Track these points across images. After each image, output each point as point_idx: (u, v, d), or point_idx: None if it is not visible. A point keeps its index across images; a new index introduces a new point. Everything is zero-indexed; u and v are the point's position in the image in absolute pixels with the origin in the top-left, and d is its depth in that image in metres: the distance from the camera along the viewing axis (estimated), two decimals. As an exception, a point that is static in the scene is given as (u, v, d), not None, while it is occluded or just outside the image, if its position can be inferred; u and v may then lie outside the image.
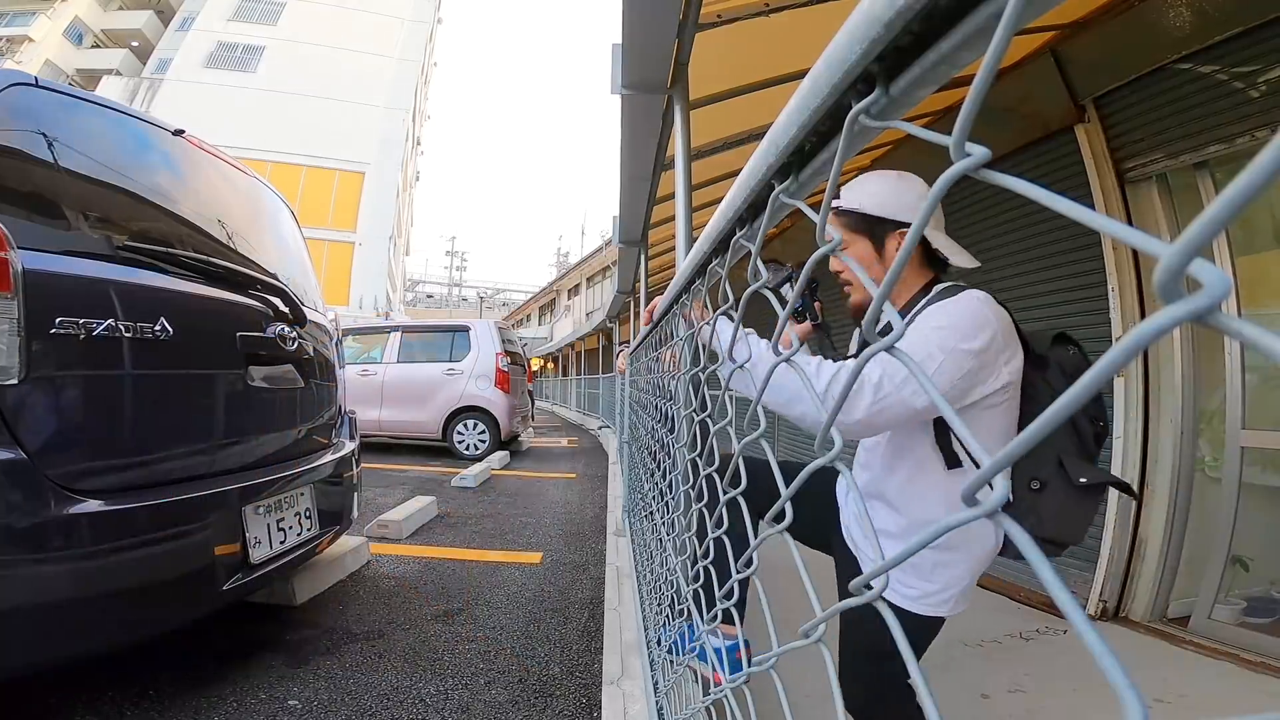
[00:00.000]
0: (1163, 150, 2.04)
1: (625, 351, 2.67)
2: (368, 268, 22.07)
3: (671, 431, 1.31)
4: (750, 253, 0.53)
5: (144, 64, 25.50)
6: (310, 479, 2.00)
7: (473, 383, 6.58)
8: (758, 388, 0.57)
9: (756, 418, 0.54)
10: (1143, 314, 2.11)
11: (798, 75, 1.88)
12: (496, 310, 46.80)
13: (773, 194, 0.45)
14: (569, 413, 16.94)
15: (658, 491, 1.55)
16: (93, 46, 26.61)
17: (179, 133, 1.84)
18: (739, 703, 0.64)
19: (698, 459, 0.83)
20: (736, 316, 0.62)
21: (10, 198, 1.29)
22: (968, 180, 0.25)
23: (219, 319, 1.72)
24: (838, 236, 0.37)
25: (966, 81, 0.23)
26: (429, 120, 36.43)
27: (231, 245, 1.87)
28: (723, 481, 0.65)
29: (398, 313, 25.32)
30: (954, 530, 0.27)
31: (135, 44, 26.69)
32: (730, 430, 0.66)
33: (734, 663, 0.65)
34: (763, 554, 0.58)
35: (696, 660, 1.07)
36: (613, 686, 1.59)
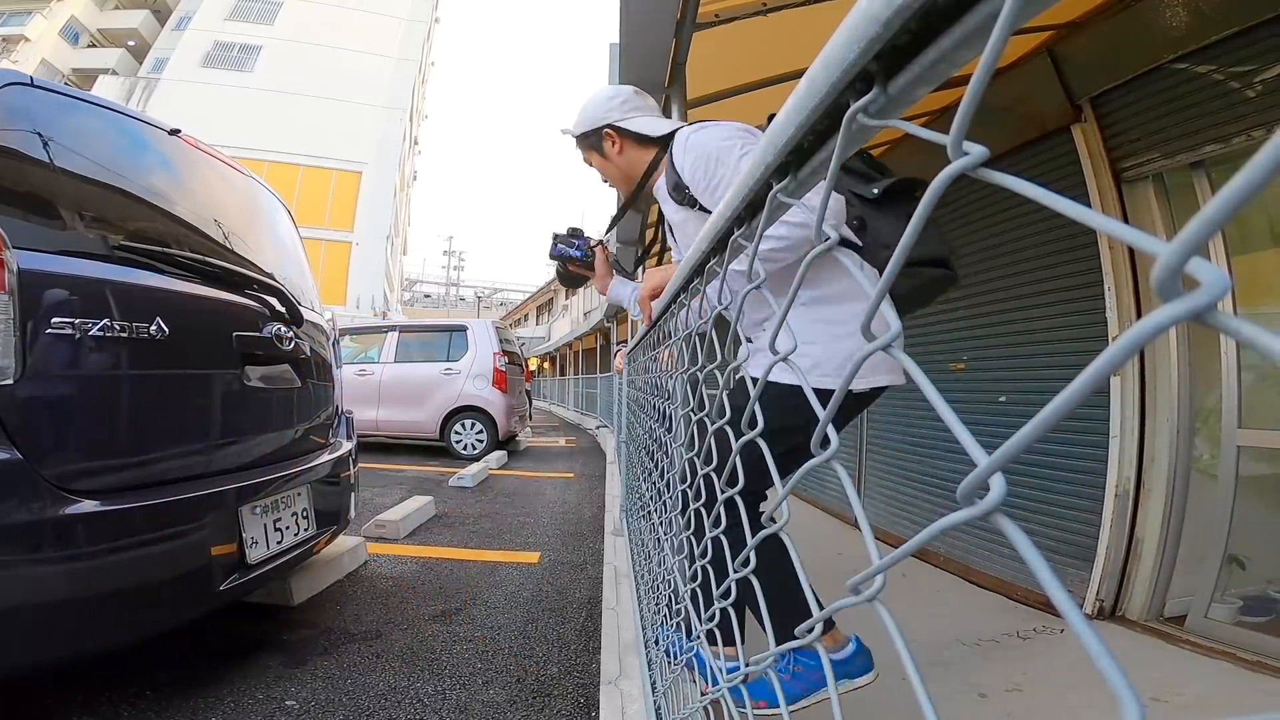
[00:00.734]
0: (1159, 150, 2.05)
1: (623, 351, 2.67)
2: (365, 267, 22.03)
3: (669, 431, 1.31)
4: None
5: (140, 63, 25.47)
6: (307, 479, 1.99)
7: (470, 382, 6.58)
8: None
9: (754, 417, 0.54)
10: (1139, 313, 2.11)
11: (795, 75, 1.88)
12: (494, 310, 46.76)
13: (771, 193, 0.44)
14: (567, 412, 16.93)
15: (655, 491, 1.55)
16: (89, 46, 26.54)
17: (175, 132, 1.84)
18: (736, 703, 0.65)
19: (695, 458, 0.82)
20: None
21: (6, 198, 1.29)
22: (965, 179, 0.25)
23: (215, 319, 1.72)
24: (834, 236, 0.37)
25: (964, 81, 0.23)
26: (426, 120, 36.39)
27: (228, 245, 1.87)
28: (720, 480, 0.65)
29: (395, 312, 25.28)
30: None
31: (132, 43, 26.64)
32: (728, 430, 0.66)
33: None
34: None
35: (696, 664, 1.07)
36: (610, 686, 1.59)
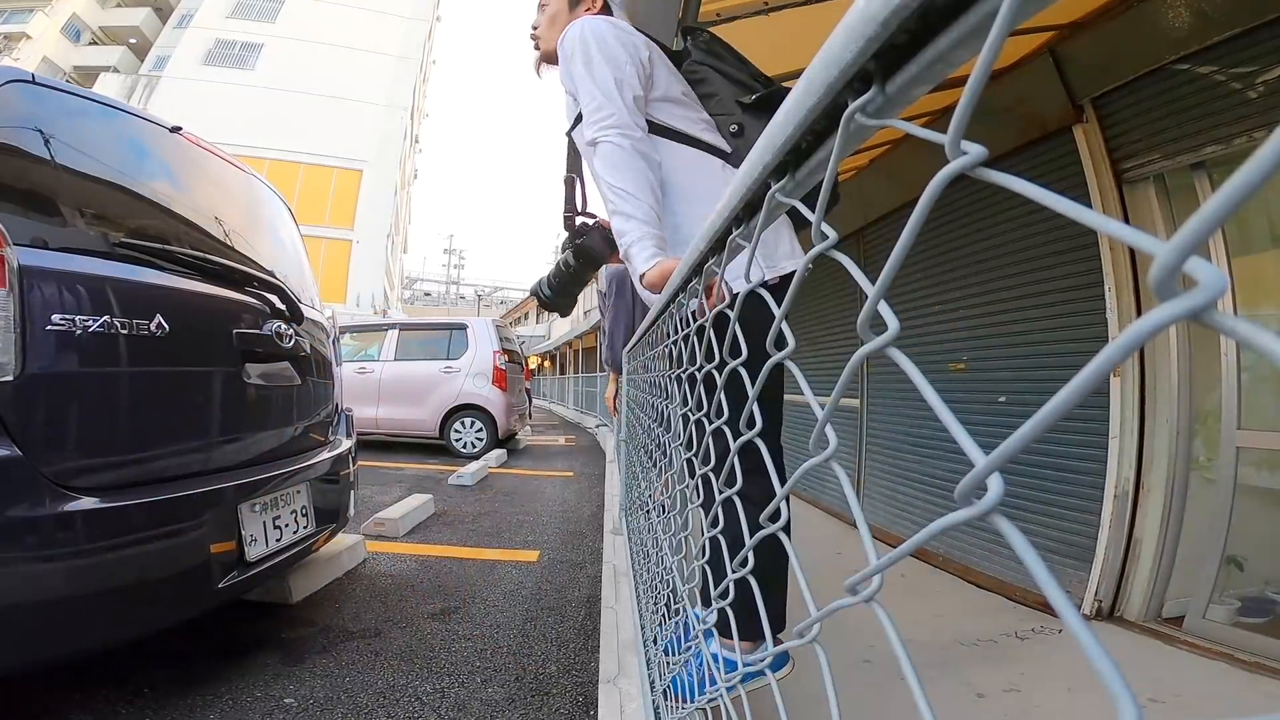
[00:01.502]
0: (1160, 151, 2.05)
1: (622, 351, 2.67)
2: (365, 265, 22.04)
3: (668, 430, 1.31)
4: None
5: (142, 61, 25.46)
6: (307, 477, 1.99)
7: (470, 381, 6.58)
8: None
9: (753, 417, 0.54)
10: (1139, 314, 2.10)
11: (797, 74, 1.88)
12: (494, 308, 46.78)
13: (769, 193, 0.44)
14: (566, 411, 16.93)
15: (654, 490, 1.55)
16: (90, 44, 26.54)
17: (176, 130, 1.84)
18: (734, 704, 0.64)
19: (694, 458, 0.82)
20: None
21: (7, 194, 1.29)
22: (965, 179, 0.25)
23: (215, 316, 1.72)
24: (833, 234, 0.37)
25: (963, 81, 0.23)
26: (427, 118, 36.37)
27: (228, 242, 1.87)
28: (719, 480, 0.65)
29: (395, 310, 25.31)
30: None
31: (133, 41, 26.63)
32: (726, 429, 0.66)
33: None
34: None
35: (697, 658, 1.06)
36: (609, 685, 1.59)
